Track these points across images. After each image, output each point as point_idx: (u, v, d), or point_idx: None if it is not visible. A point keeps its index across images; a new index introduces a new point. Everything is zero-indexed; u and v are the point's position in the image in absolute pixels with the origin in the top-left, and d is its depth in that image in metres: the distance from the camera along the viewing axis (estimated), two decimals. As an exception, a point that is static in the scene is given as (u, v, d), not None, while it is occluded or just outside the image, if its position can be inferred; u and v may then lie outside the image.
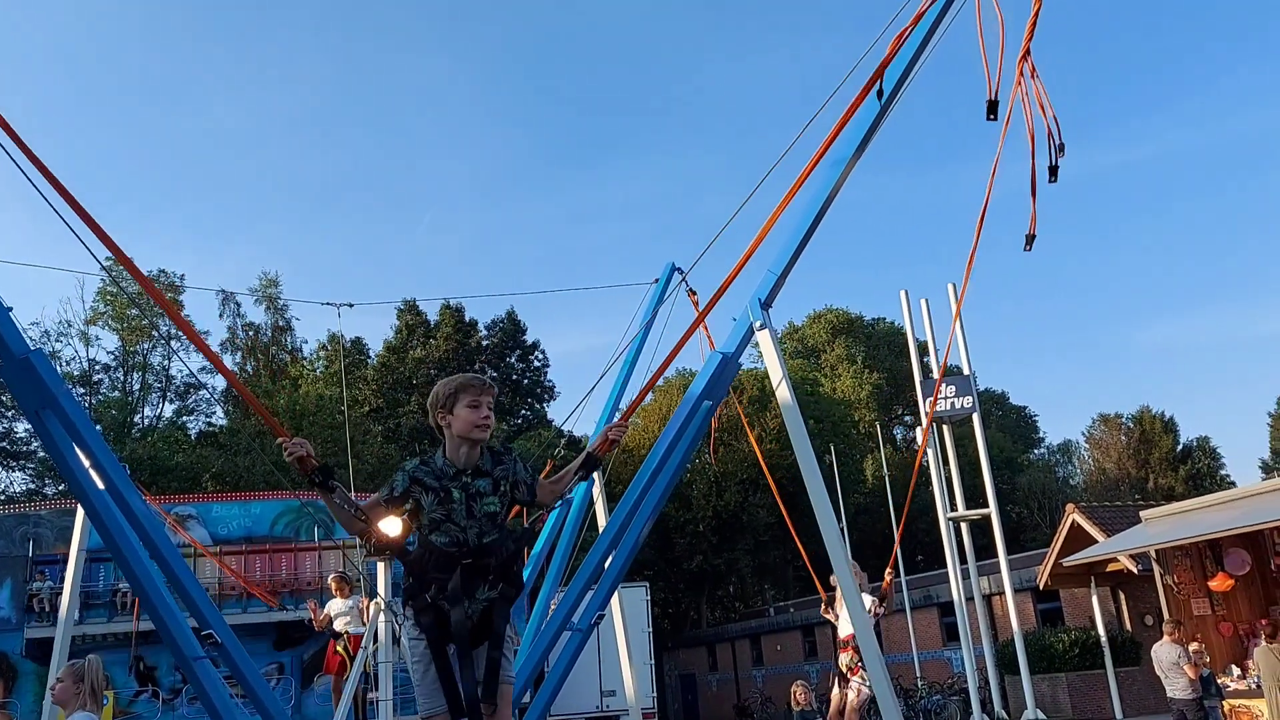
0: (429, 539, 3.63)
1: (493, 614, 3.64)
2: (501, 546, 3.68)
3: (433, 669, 3.56)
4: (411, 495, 3.65)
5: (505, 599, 3.68)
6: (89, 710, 4.64)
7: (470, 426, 3.65)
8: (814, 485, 4.96)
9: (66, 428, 4.73)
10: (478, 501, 3.63)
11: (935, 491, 16.87)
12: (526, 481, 3.81)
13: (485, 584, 3.63)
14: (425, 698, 3.61)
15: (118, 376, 38.15)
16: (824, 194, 5.03)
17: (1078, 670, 21.59)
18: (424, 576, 3.61)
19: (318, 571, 19.88)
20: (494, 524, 3.67)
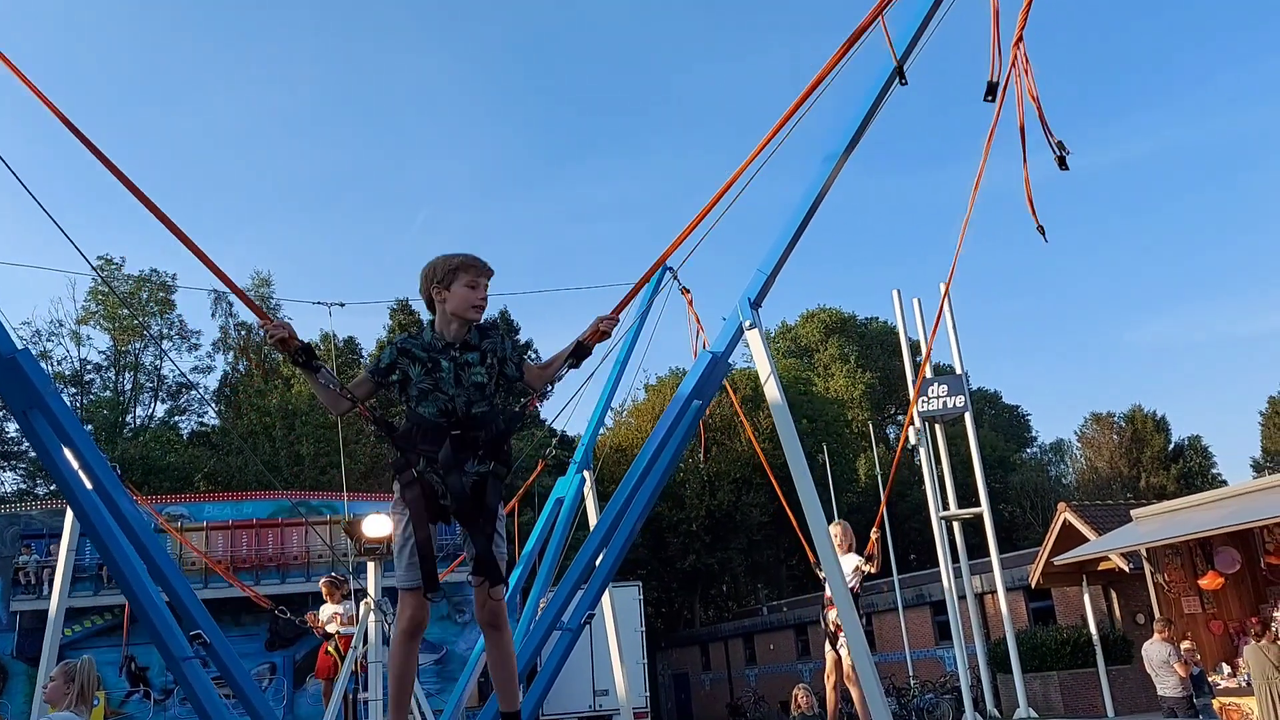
0: (416, 411, 3.61)
1: (484, 489, 3.60)
2: (490, 421, 3.66)
3: (413, 541, 3.53)
4: (398, 367, 3.65)
5: (497, 476, 3.65)
6: (74, 710, 4.62)
7: (466, 306, 3.64)
8: (803, 484, 4.97)
9: (54, 428, 4.70)
10: (465, 371, 3.62)
11: (927, 490, 16.90)
12: (514, 360, 3.81)
13: (475, 458, 3.60)
14: (404, 570, 3.58)
15: (109, 376, 38.06)
16: (815, 191, 5.03)
17: (1069, 669, 21.66)
18: (411, 450, 3.59)
19: (304, 547, 19.90)
20: (482, 395, 3.66)
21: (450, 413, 3.58)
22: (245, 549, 20.09)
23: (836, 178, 5.00)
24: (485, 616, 3.69)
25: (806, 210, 4.90)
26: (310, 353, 3.60)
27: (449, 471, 3.52)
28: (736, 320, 5.02)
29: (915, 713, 23.27)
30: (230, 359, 41.57)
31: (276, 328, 3.59)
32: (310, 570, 19.87)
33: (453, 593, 20.88)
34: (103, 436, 33.98)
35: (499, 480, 3.65)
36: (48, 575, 19.04)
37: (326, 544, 19.24)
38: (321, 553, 19.58)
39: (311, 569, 19.85)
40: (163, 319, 38.50)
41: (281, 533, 20.36)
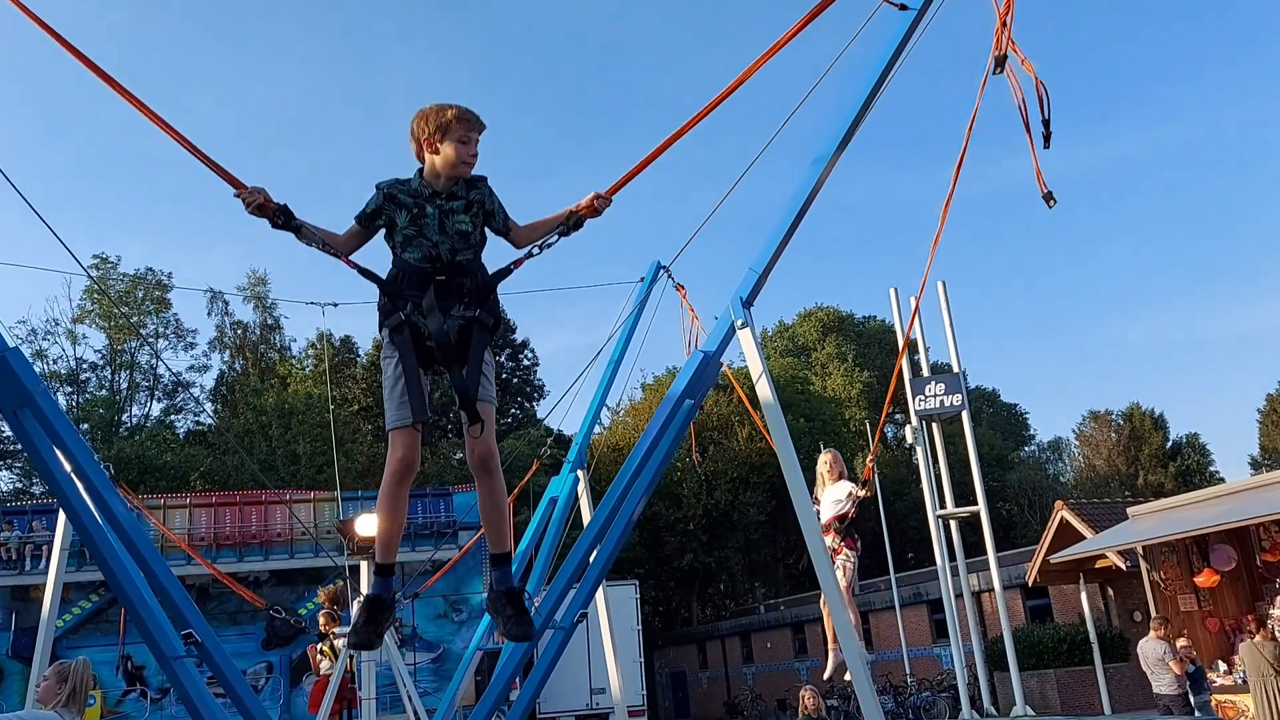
0: (402, 258, 3.65)
1: (470, 335, 3.64)
2: (475, 269, 3.70)
3: (402, 380, 3.55)
4: (384, 213, 3.67)
5: (483, 325, 3.68)
6: (61, 710, 4.61)
7: (455, 163, 3.64)
8: (794, 482, 4.96)
9: (44, 427, 4.70)
10: (449, 219, 3.64)
11: (924, 489, 16.90)
12: (501, 213, 3.81)
13: (460, 303, 3.63)
14: (393, 410, 3.60)
15: (105, 375, 38.02)
16: (806, 190, 5.02)
17: (1066, 666, 21.67)
18: (398, 295, 3.62)
19: (288, 524, 19.90)
20: (466, 243, 3.68)
21: (435, 259, 3.61)
22: (229, 525, 20.08)
23: (828, 176, 5.00)
24: (475, 460, 3.68)
25: (798, 209, 4.89)
26: (289, 213, 3.62)
27: (433, 314, 3.55)
28: (728, 319, 5.01)
29: (912, 710, 23.28)
30: (226, 358, 41.56)
31: (251, 194, 3.60)
32: (294, 547, 19.88)
33: (449, 592, 20.88)
34: (98, 435, 33.95)
35: (484, 327, 3.69)
36: (30, 551, 19.10)
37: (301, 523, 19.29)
38: (304, 530, 19.60)
39: (295, 545, 19.87)
40: (158, 318, 38.46)
41: (265, 509, 20.36)
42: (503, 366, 44.47)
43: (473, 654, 8.58)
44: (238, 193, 3.64)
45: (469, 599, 20.98)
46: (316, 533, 19.29)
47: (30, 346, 35.50)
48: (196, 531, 19.48)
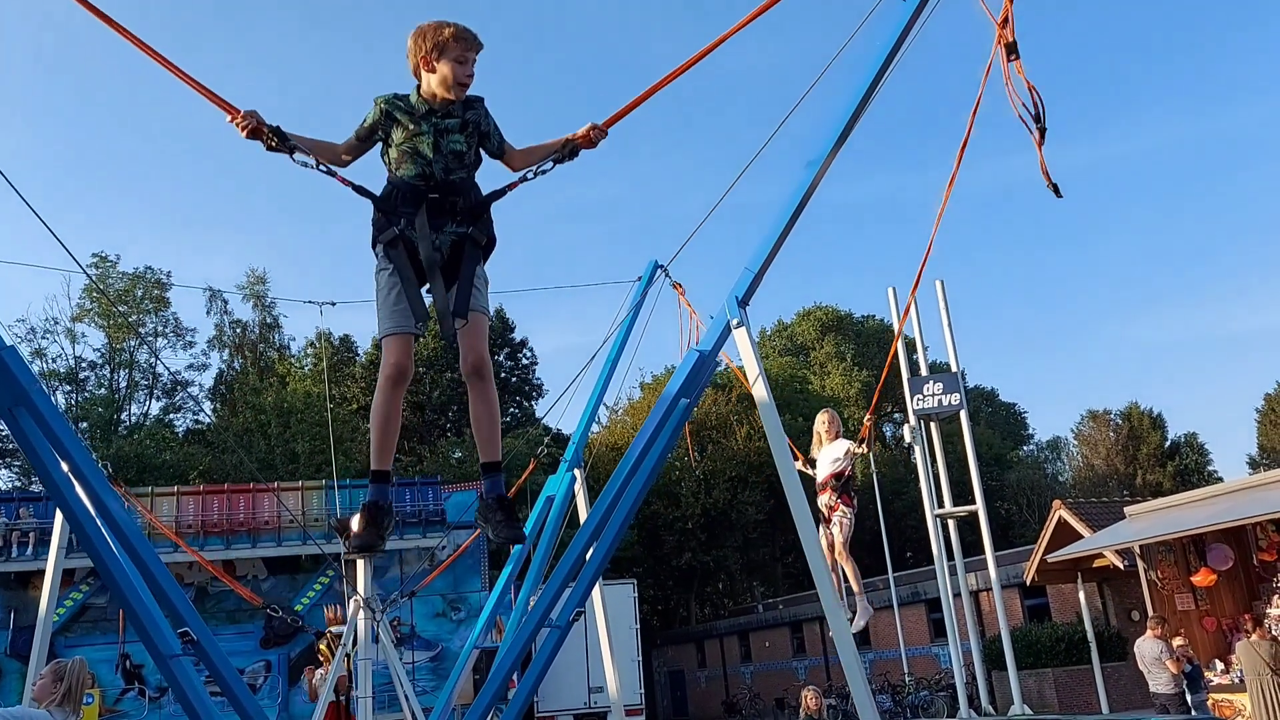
0: (396, 175, 3.68)
1: (463, 251, 3.67)
2: (468, 188, 3.73)
3: (398, 287, 3.59)
4: (381, 127, 3.70)
5: (475, 242, 3.71)
6: (55, 709, 4.62)
7: (451, 83, 3.65)
8: (789, 481, 4.97)
9: (40, 426, 4.70)
10: (444, 138, 3.66)
11: (922, 488, 16.91)
12: (497, 135, 3.83)
13: (453, 221, 3.66)
14: (387, 317, 3.63)
15: (104, 374, 38.01)
16: (802, 190, 5.02)
17: (1064, 666, 21.69)
18: (392, 212, 3.65)
19: (276, 511, 19.90)
20: (460, 163, 3.71)
21: (429, 177, 3.64)
22: (216, 514, 20.07)
23: (824, 176, 5.01)
24: (468, 367, 3.73)
25: (794, 209, 4.90)
26: (281, 134, 3.64)
27: (424, 237, 3.58)
28: (724, 319, 5.02)
29: (910, 710, 23.31)
30: (225, 357, 41.56)
31: (245, 118, 3.62)
32: (281, 535, 19.86)
33: (447, 590, 20.89)
34: (97, 434, 33.94)
35: (476, 244, 3.72)
36: (16, 538, 19.12)
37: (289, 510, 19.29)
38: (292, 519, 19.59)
39: (283, 533, 19.85)
40: (157, 316, 38.46)
41: (253, 498, 20.35)
42: (501, 365, 44.49)
43: (469, 652, 8.60)
44: (231, 118, 3.66)
45: (467, 597, 21.00)
46: (305, 520, 19.30)
47: (29, 345, 35.50)
48: (184, 520, 19.45)
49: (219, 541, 19.46)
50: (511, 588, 9.68)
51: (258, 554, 19.89)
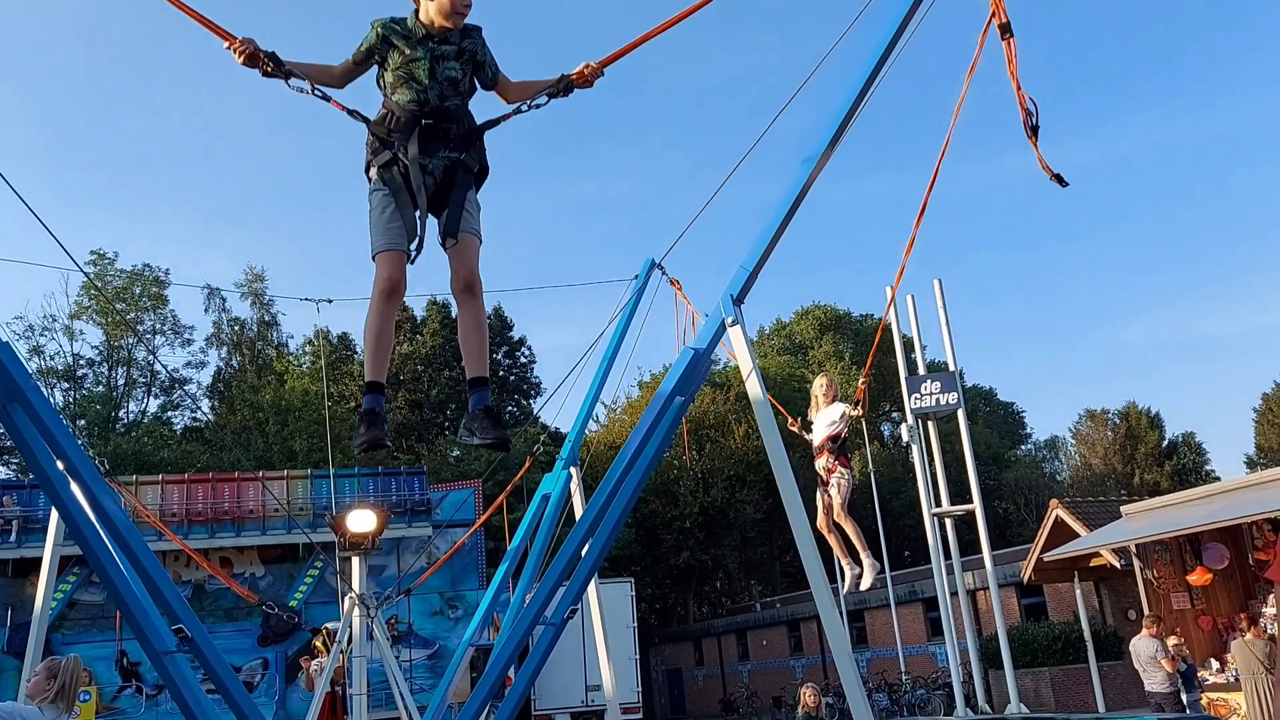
0: (392, 100, 3.71)
1: (455, 176, 3.70)
2: (462, 115, 3.76)
3: (392, 206, 3.63)
4: (377, 51, 3.73)
5: (467, 169, 3.74)
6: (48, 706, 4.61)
7: (449, 11, 3.67)
8: (784, 479, 4.98)
9: (35, 423, 4.70)
10: (440, 65, 3.68)
11: (920, 487, 16.91)
12: (492, 66, 3.85)
13: (446, 147, 3.70)
14: (381, 234, 3.66)
15: (102, 371, 37.99)
16: (798, 187, 5.03)
17: (1061, 665, 21.70)
18: (386, 137, 3.69)
19: (260, 500, 19.87)
20: (455, 90, 3.73)
21: (423, 103, 3.67)
22: (200, 503, 20.04)
23: (820, 173, 5.01)
24: (458, 284, 3.73)
25: (789, 207, 4.90)
26: (277, 60, 3.66)
27: (414, 165, 3.62)
28: (719, 317, 5.03)
29: (907, 709, 23.33)
30: (224, 354, 41.54)
31: (241, 44, 3.64)
32: (266, 523, 19.85)
33: (444, 589, 20.91)
34: (95, 431, 33.92)
35: (468, 170, 3.75)
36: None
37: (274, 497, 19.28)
38: (278, 507, 19.57)
39: (267, 522, 19.84)
40: (155, 314, 38.43)
41: (238, 487, 20.34)
42: (499, 364, 44.48)
43: (464, 650, 8.60)
44: (228, 44, 3.68)
45: (464, 595, 21.00)
46: (290, 509, 19.29)
47: (27, 342, 35.49)
48: (168, 509, 19.41)
49: (203, 530, 19.39)
50: (509, 585, 9.69)
51: (242, 542, 19.82)
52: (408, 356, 41.26)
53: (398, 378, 40.74)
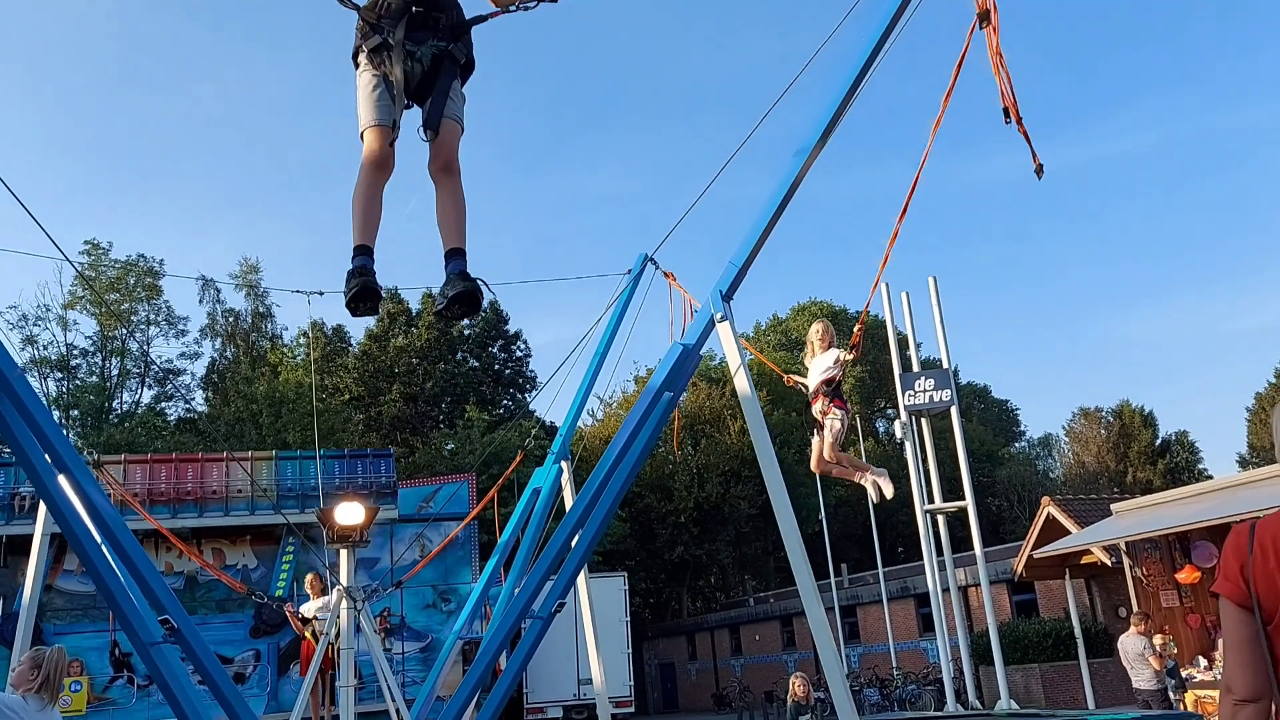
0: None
1: (441, 65, 3.71)
2: (452, 5, 3.79)
3: (380, 86, 3.64)
4: None
5: (454, 59, 3.75)
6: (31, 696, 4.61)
7: None
8: (770, 473, 4.99)
9: (23, 416, 4.70)
10: None
11: (913, 484, 16.96)
12: None
13: (434, 36, 3.71)
14: (369, 111, 3.66)
15: (96, 361, 37.92)
16: (787, 184, 5.03)
17: (1051, 661, 21.79)
18: (376, 24, 3.70)
19: (224, 480, 19.70)
20: None
21: None
22: (163, 483, 19.88)
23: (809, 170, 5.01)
24: (438, 163, 3.75)
25: (778, 203, 4.91)
26: None
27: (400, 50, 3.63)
28: (708, 313, 5.03)
29: (898, 704, 23.41)
30: (218, 346, 41.47)
31: None
32: (229, 505, 19.70)
33: (437, 581, 20.91)
34: (88, 421, 33.86)
35: (454, 61, 3.76)
36: None
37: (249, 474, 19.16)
38: (240, 488, 19.41)
39: (230, 503, 19.69)
40: (149, 304, 38.36)
41: (201, 467, 20.19)
42: (495, 357, 44.46)
43: (453, 643, 8.62)
44: None
45: (457, 589, 21.00)
46: (253, 490, 19.16)
47: (21, 331, 35.41)
48: (130, 489, 19.24)
49: (164, 509, 19.19)
50: (499, 577, 9.70)
51: (204, 523, 19.60)
52: (403, 349, 41.23)
53: (392, 370, 40.70)
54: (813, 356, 7.53)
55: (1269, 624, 2.01)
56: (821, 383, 7.27)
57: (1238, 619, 2.05)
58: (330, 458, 20.88)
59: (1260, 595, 2.01)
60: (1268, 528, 2.10)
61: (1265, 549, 2.05)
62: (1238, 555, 2.10)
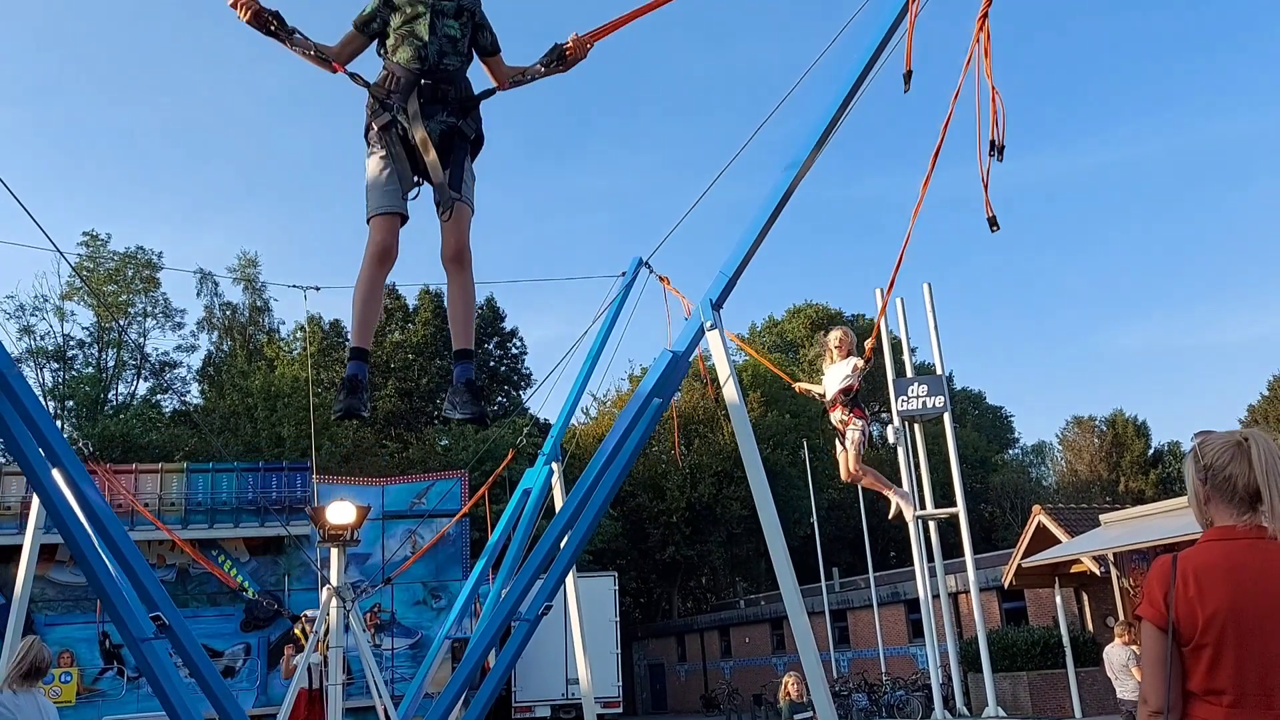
0: (393, 60, 3.76)
1: (452, 142, 3.73)
2: (459, 78, 3.81)
3: (390, 168, 3.65)
4: (379, 16, 3.80)
5: (464, 136, 3.77)
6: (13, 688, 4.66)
7: None
8: (756, 479, 5.04)
9: (16, 408, 4.73)
10: (440, 20, 3.75)
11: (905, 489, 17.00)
12: (493, 32, 3.92)
13: (445, 110, 3.73)
14: (377, 198, 3.68)
15: (92, 353, 37.89)
16: (779, 195, 5.07)
17: (1039, 669, 21.86)
18: (385, 99, 3.72)
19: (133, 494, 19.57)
20: (454, 48, 3.78)
21: (423, 59, 3.71)
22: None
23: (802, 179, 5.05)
24: (449, 253, 3.76)
25: (769, 213, 4.95)
26: (281, 19, 3.70)
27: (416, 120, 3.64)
28: (698, 320, 5.08)
29: (886, 709, 23.47)
30: (214, 339, 41.45)
31: (246, 3, 3.66)
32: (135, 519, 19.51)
33: (427, 578, 20.94)
34: (84, 412, 33.84)
35: (464, 137, 3.79)
36: None
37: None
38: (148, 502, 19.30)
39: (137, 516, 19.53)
40: (147, 297, 38.34)
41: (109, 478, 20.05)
42: (490, 355, 44.47)
43: (441, 642, 8.67)
44: (232, 2, 3.70)
45: (448, 585, 21.04)
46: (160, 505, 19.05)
47: (18, 322, 35.39)
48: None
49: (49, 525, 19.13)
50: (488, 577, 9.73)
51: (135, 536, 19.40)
52: (399, 345, 41.24)
53: (388, 366, 40.70)
54: (831, 363, 7.48)
55: (1186, 645, 2.21)
56: (839, 391, 7.23)
57: (1156, 639, 2.26)
58: (245, 470, 20.67)
59: (1180, 620, 2.20)
60: (1189, 559, 2.28)
61: (1186, 579, 2.23)
62: (1162, 583, 2.27)
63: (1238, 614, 2.16)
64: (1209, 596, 2.18)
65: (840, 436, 7.51)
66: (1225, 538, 2.28)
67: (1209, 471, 2.34)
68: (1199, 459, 2.38)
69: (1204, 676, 2.18)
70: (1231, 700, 2.15)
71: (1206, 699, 2.18)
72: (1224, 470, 2.32)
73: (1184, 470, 2.50)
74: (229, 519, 19.76)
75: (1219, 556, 2.25)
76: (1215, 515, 2.34)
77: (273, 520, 19.02)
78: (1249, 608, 2.16)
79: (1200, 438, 2.44)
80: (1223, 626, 2.15)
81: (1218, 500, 2.33)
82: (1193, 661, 2.20)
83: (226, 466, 20.80)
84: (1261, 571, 2.20)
